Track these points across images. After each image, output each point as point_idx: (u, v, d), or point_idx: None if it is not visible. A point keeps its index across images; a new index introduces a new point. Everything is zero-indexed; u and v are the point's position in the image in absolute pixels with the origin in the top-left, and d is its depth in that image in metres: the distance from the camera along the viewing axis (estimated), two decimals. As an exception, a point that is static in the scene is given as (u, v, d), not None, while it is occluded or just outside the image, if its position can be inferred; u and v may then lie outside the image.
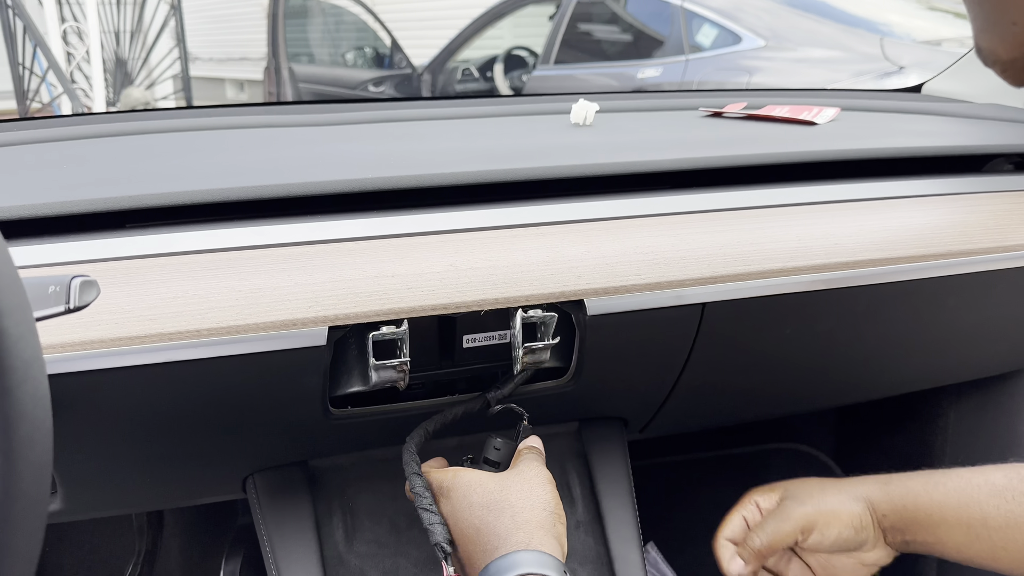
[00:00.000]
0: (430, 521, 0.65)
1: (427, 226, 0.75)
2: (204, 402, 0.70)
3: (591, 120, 1.01)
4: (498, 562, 0.61)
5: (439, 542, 0.64)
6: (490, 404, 0.77)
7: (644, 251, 0.76)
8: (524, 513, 0.64)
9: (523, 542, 0.62)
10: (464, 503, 0.66)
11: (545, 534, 0.64)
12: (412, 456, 0.71)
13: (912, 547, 0.75)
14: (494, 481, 0.67)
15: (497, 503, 0.65)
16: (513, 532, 0.63)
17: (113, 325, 0.63)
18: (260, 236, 0.71)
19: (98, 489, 0.80)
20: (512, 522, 0.64)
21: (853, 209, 0.85)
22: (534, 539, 0.62)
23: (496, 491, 0.66)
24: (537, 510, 0.65)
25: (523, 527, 0.63)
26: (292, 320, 0.67)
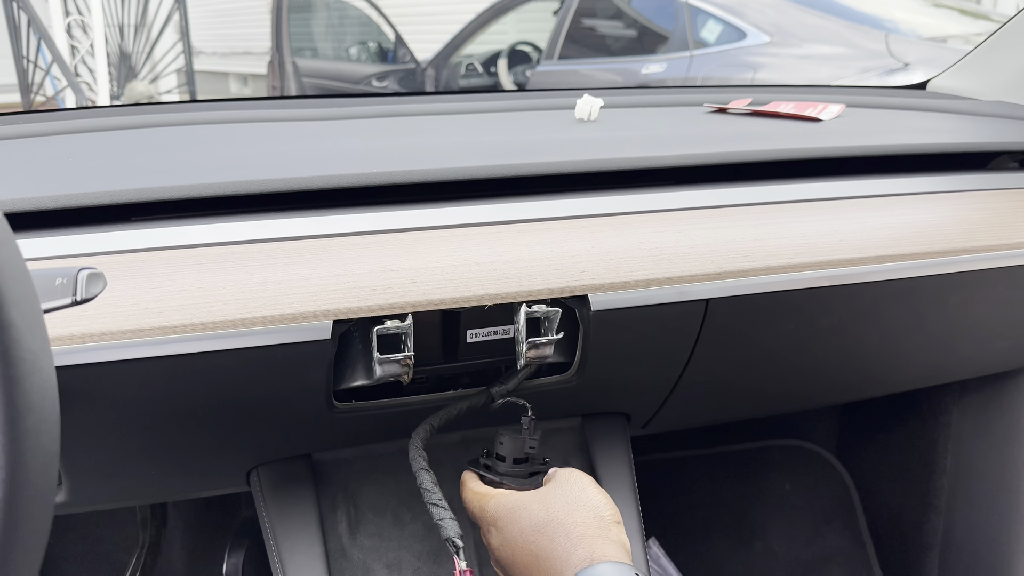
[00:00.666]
0: (440, 516, 0.64)
1: (431, 221, 0.75)
2: (209, 395, 0.70)
3: (596, 115, 1.01)
4: None
5: (450, 537, 0.63)
6: (494, 399, 0.77)
7: (648, 247, 0.76)
8: (577, 528, 0.63)
9: (585, 559, 0.60)
10: (515, 531, 0.65)
11: (604, 542, 0.62)
12: (419, 451, 0.71)
13: None
14: (537, 501, 0.66)
15: (547, 524, 0.64)
16: (572, 552, 0.61)
17: (119, 318, 0.64)
18: (265, 230, 0.71)
19: (103, 481, 0.80)
20: (568, 541, 0.62)
21: (857, 206, 0.85)
22: (595, 552, 0.61)
23: (541, 511, 0.65)
24: (589, 521, 0.64)
25: (580, 543, 0.62)
26: (297, 314, 0.67)
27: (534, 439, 0.74)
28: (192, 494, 1.06)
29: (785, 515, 1.41)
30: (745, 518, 1.41)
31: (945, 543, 1.26)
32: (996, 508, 1.17)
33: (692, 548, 1.36)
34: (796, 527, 1.40)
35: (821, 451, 1.45)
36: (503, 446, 0.74)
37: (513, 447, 0.74)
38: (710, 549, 1.38)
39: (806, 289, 0.79)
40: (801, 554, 1.38)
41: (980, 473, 1.20)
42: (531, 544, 0.63)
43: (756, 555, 1.38)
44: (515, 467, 0.74)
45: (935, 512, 1.27)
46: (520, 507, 0.66)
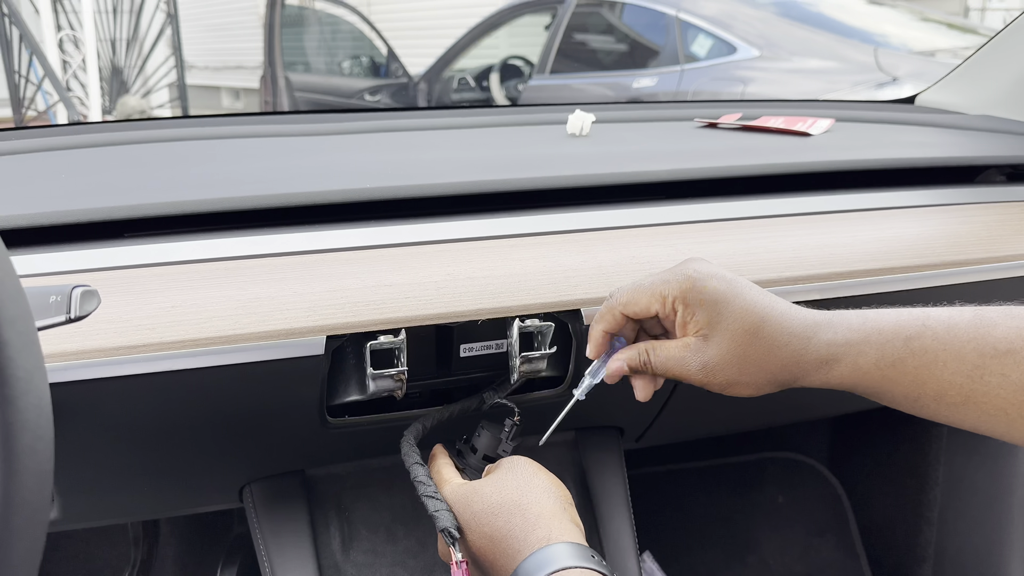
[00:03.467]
0: (435, 508, 0.64)
1: (424, 236, 0.75)
2: (202, 411, 0.70)
3: (588, 130, 1.02)
4: (525, 564, 0.59)
5: (446, 527, 0.62)
6: (485, 402, 0.77)
7: (640, 260, 0.76)
8: (533, 508, 0.63)
9: (543, 538, 0.60)
10: (468, 515, 0.65)
11: (561, 523, 0.62)
12: (412, 447, 0.71)
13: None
14: (489, 485, 0.66)
15: (501, 505, 0.64)
16: (529, 532, 0.61)
17: (112, 334, 0.64)
18: (258, 245, 0.71)
19: (95, 497, 0.80)
20: (524, 521, 0.62)
21: (847, 220, 0.86)
22: (553, 531, 0.61)
23: (495, 494, 0.65)
24: (544, 501, 0.63)
25: (537, 523, 0.61)
26: (290, 329, 0.67)
27: (510, 444, 0.74)
28: (185, 510, 1.05)
29: (778, 527, 1.41)
30: (738, 531, 1.40)
31: (938, 556, 1.26)
32: (988, 521, 1.17)
33: (686, 561, 1.36)
34: (789, 539, 1.40)
35: (814, 463, 1.46)
36: (479, 439, 0.73)
37: (489, 444, 0.73)
38: (704, 562, 1.38)
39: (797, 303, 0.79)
40: (794, 567, 1.38)
41: (972, 486, 1.20)
42: (485, 526, 0.63)
43: (749, 568, 1.38)
44: (482, 463, 0.73)
45: (927, 524, 1.27)
46: (472, 493, 0.66)
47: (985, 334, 0.60)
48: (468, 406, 0.77)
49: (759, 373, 0.63)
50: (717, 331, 0.62)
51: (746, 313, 0.62)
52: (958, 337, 0.61)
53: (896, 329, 0.62)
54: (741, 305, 0.62)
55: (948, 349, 0.61)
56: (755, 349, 0.62)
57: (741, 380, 0.63)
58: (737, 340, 0.62)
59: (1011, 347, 0.59)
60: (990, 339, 0.60)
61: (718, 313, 0.62)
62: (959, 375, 0.60)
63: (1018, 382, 0.59)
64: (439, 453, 0.74)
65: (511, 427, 0.74)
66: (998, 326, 0.60)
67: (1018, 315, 0.60)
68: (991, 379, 0.60)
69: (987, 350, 0.60)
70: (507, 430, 0.74)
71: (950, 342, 0.61)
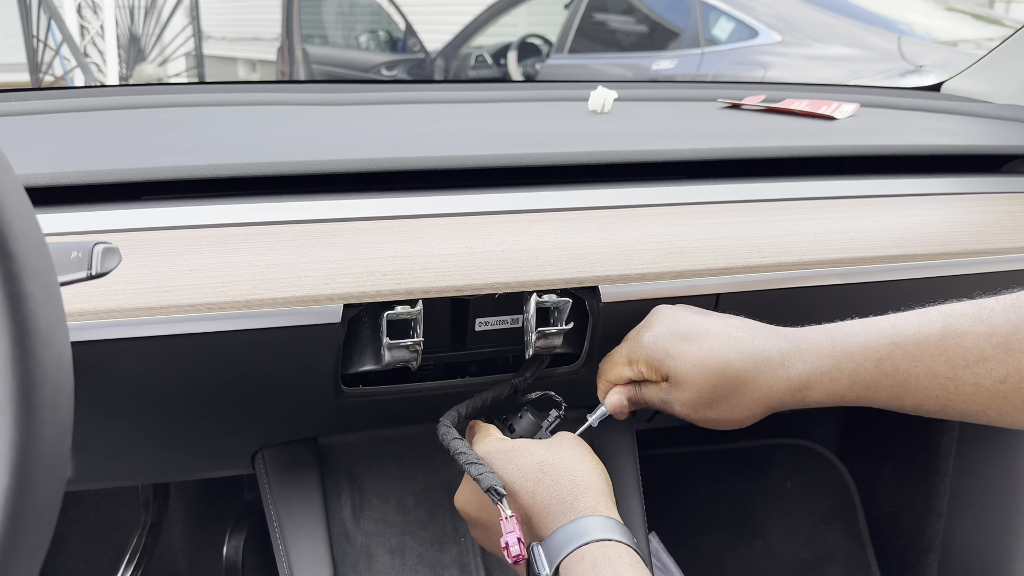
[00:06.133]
0: (479, 471, 0.63)
1: (443, 208, 0.75)
2: (217, 375, 0.70)
3: (609, 108, 1.01)
4: (569, 527, 0.59)
5: (493, 486, 0.62)
6: (517, 390, 0.77)
7: (660, 240, 0.76)
8: (586, 476, 0.63)
9: (591, 507, 0.60)
10: (510, 467, 0.64)
11: (607, 499, 0.62)
12: (448, 428, 0.70)
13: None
14: (540, 446, 0.65)
15: (552, 466, 0.63)
16: (579, 496, 0.61)
17: (130, 295, 0.64)
18: (277, 212, 0.71)
19: (108, 459, 0.80)
20: (574, 486, 0.62)
21: (870, 205, 0.85)
22: (600, 504, 0.61)
23: (546, 454, 0.64)
24: (596, 474, 0.64)
25: (588, 491, 0.62)
26: (308, 296, 0.67)
27: (547, 435, 0.74)
28: (197, 474, 1.06)
29: (786, 514, 1.41)
30: (746, 516, 1.40)
31: (944, 546, 1.26)
32: (997, 513, 1.17)
33: (692, 544, 1.37)
34: (796, 526, 1.40)
35: (823, 451, 1.45)
36: (520, 420, 0.74)
37: (528, 429, 0.74)
38: (710, 546, 1.38)
39: (817, 287, 0.79)
40: (800, 553, 1.38)
41: (981, 477, 1.20)
42: (530, 482, 0.63)
43: (756, 553, 1.38)
44: None
45: (936, 515, 1.26)
46: (517, 449, 0.66)
47: (955, 345, 0.61)
48: (501, 393, 0.77)
49: (734, 409, 0.67)
50: (681, 379, 0.67)
51: (704, 360, 0.66)
52: (928, 352, 0.62)
53: (866, 352, 0.64)
54: (697, 352, 0.66)
55: (919, 366, 0.62)
56: (721, 390, 0.66)
57: (717, 417, 0.68)
58: (699, 384, 0.66)
59: (981, 356, 0.60)
60: (960, 350, 0.60)
61: (676, 363, 0.67)
62: (933, 388, 0.62)
63: (992, 388, 0.60)
64: (479, 423, 0.75)
65: (555, 419, 0.75)
66: (967, 335, 0.60)
67: (986, 319, 0.60)
68: (965, 388, 0.61)
69: (958, 362, 0.60)
70: (550, 420, 0.75)
71: (920, 358, 0.62)
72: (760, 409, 0.67)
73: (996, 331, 0.59)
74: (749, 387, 0.65)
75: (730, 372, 0.65)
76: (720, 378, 0.66)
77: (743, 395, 0.66)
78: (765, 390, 0.65)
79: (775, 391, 0.65)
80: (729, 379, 0.65)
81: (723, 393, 0.66)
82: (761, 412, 0.67)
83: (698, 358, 0.66)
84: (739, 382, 0.65)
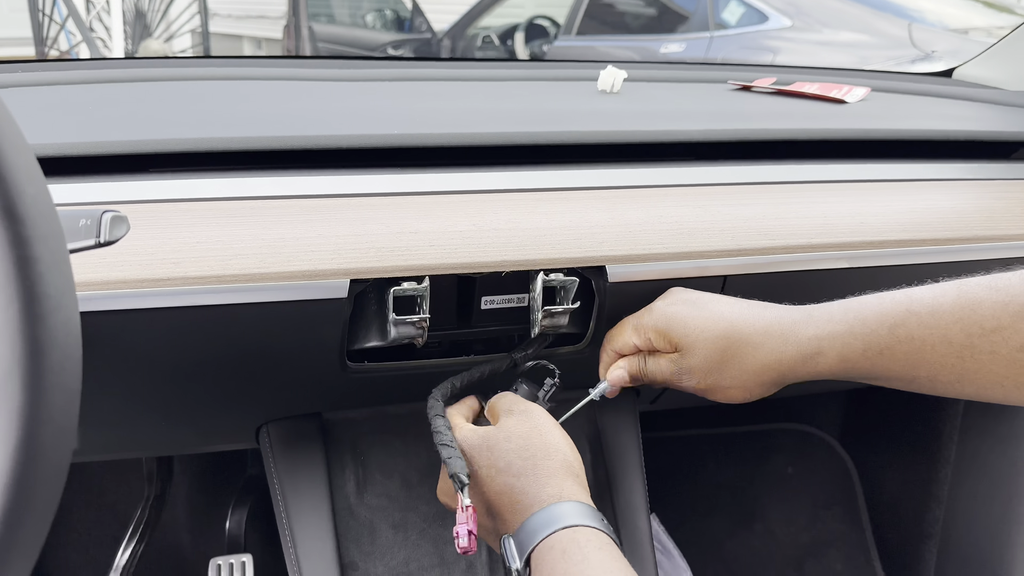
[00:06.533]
0: (448, 455, 0.64)
1: (451, 185, 0.74)
2: (223, 349, 0.70)
3: (619, 88, 1.00)
4: (535, 518, 0.59)
5: (456, 473, 0.62)
6: (516, 364, 0.77)
7: (668, 220, 0.75)
8: (547, 463, 0.63)
9: (555, 495, 0.60)
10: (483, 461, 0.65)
11: (573, 483, 0.62)
12: (437, 401, 0.71)
13: None
14: (503, 439, 0.65)
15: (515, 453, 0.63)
16: (542, 487, 0.61)
17: (137, 266, 0.63)
18: (285, 187, 0.71)
19: (113, 430, 0.80)
20: (536, 477, 0.62)
21: (880, 189, 0.85)
22: (565, 490, 0.61)
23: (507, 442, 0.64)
24: (558, 458, 0.63)
25: (551, 479, 0.61)
26: (314, 271, 0.66)
27: (547, 404, 0.74)
28: (201, 448, 1.06)
29: (786, 498, 1.41)
30: (746, 499, 1.41)
31: (944, 534, 1.26)
32: (998, 502, 1.17)
33: (692, 526, 1.37)
34: (796, 510, 1.40)
35: (825, 436, 1.45)
36: (516, 393, 0.74)
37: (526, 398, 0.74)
38: (710, 528, 1.38)
39: (826, 270, 0.79)
40: (800, 537, 1.39)
41: (984, 467, 1.20)
42: (497, 477, 0.63)
43: (755, 536, 1.39)
44: None
45: (936, 502, 1.27)
46: (485, 440, 0.65)
47: (970, 313, 0.60)
48: (499, 367, 0.77)
49: (741, 376, 0.66)
50: (690, 344, 0.67)
51: (712, 323, 0.66)
52: (943, 320, 0.61)
53: (880, 317, 0.63)
54: (707, 316, 0.67)
55: (935, 333, 0.61)
56: (730, 354, 0.66)
57: (724, 384, 0.67)
58: (709, 348, 0.66)
59: (998, 324, 0.59)
60: (976, 318, 0.59)
61: (686, 327, 0.67)
62: (949, 356, 0.60)
63: (1008, 356, 0.59)
64: (466, 400, 0.74)
65: (551, 387, 0.74)
66: (983, 303, 0.59)
67: (1002, 288, 0.59)
68: (981, 357, 0.60)
69: (974, 330, 0.59)
70: (546, 389, 0.74)
71: (936, 326, 0.61)
72: (770, 377, 0.66)
73: (1013, 300, 0.58)
74: (759, 351, 0.65)
75: (738, 335, 0.65)
76: (728, 341, 0.65)
77: (752, 360, 0.65)
78: (776, 355, 0.65)
79: (786, 356, 0.65)
80: (737, 342, 0.65)
81: (732, 356, 0.65)
82: (770, 381, 0.66)
83: (707, 321, 0.66)
84: (749, 345, 0.65)
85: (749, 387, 0.67)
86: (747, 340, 0.65)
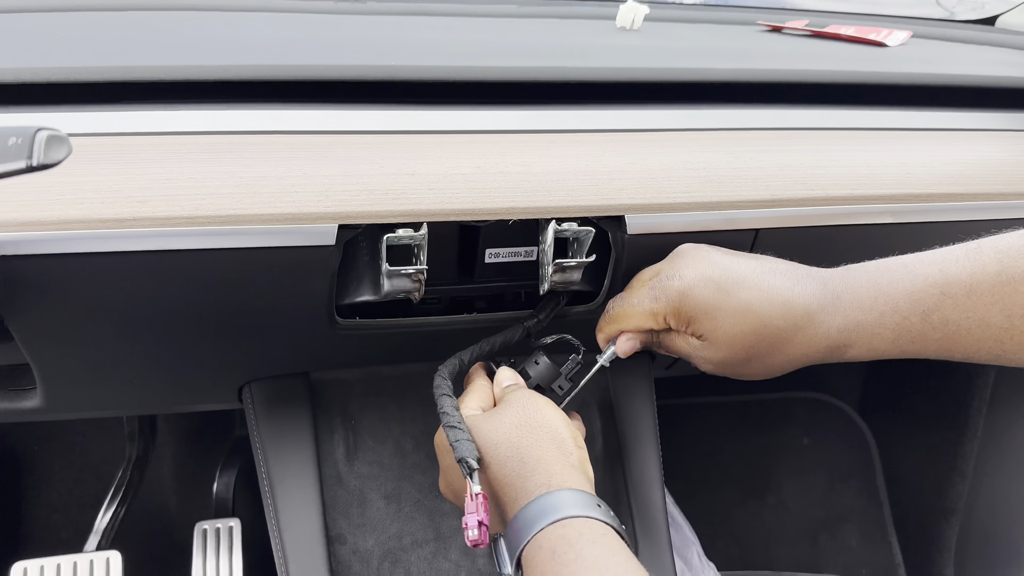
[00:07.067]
0: (456, 438, 0.58)
1: (454, 124, 0.67)
2: (196, 300, 0.63)
3: (639, 24, 0.92)
4: (524, 512, 0.54)
5: (464, 457, 0.56)
6: (530, 333, 0.71)
7: (695, 167, 0.68)
8: (533, 451, 0.57)
9: (543, 484, 0.55)
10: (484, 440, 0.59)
11: (564, 468, 0.56)
12: (444, 380, 0.65)
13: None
14: (484, 423, 0.60)
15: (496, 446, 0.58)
16: (528, 476, 0.56)
17: (98, 204, 0.57)
18: (266, 121, 0.63)
19: (80, 387, 0.74)
20: (523, 466, 0.56)
21: (927, 138, 0.77)
22: (553, 478, 0.55)
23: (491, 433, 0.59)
24: (545, 443, 0.58)
25: (537, 468, 0.56)
26: (298, 214, 0.59)
27: (568, 382, 0.68)
28: (180, 408, 1.00)
29: (801, 470, 1.36)
30: (759, 470, 1.36)
31: (967, 510, 1.21)
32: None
33: (702, 497, 1.32)
34: (811, 483, 1.35)
35: (843, 406, 1.40)
36: (536, 366, 0.68)
37: (545, 375, 0.68)
38: (721, 500, 1.33)
39: (867, 225, 0.71)
40: (814, 511, 1.34)
41: (1013, 440, 1.14)
42: (492, 465, 0.58)
43: (768, 509, 1.34)
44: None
45: (960, 476, 1.21)
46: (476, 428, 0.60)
47: (1011, 292, 0.55)
48: (511, 338, 0.70)
49: (765, 369, 0.63)
50: (714, 338, 0.62)
51: (741, 318, 0.61)
52: (981, 302, 0.56)
53: (912, 303, 0.58)
54: (735, 309, 0.61)
55: (971, 317, 0.57)
56: (757, 349, 0.62)
57: (748, 372, 0.64)
58: (736, 346, 0.62)
59: None
60: (1017, 297, 0.55)
61: (712, 320, 0.61)
62: (986, 340, 0.57)
63: None
64: (476, 375, 0.68)
65: (576, 365, 0.69)
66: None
67: None
68: (1022, 338, 0.56)
69: (1016, 311, 0.55)
70: (571, 366, 0.69)
71: (973, 308, 0.57)
72: (794, 366, 0.63)
73: None
74: (787, 346, 0.61)
75: (768, 333, 0.61)
76: (758, 339, 0.61)
77: (779, 354, 0.62)
78: (803, 350, 0.61)
79: (813, 348, 0.61)
80: (767, 340, 0.61)
81: (758, 352, 0.62)
82: (793, 368, 0.64)
83: (734, 318, 0.61)
84: (778, 341, 0.61)
85: (772, 371, 0.64)
86: (776, 336, 0.61)
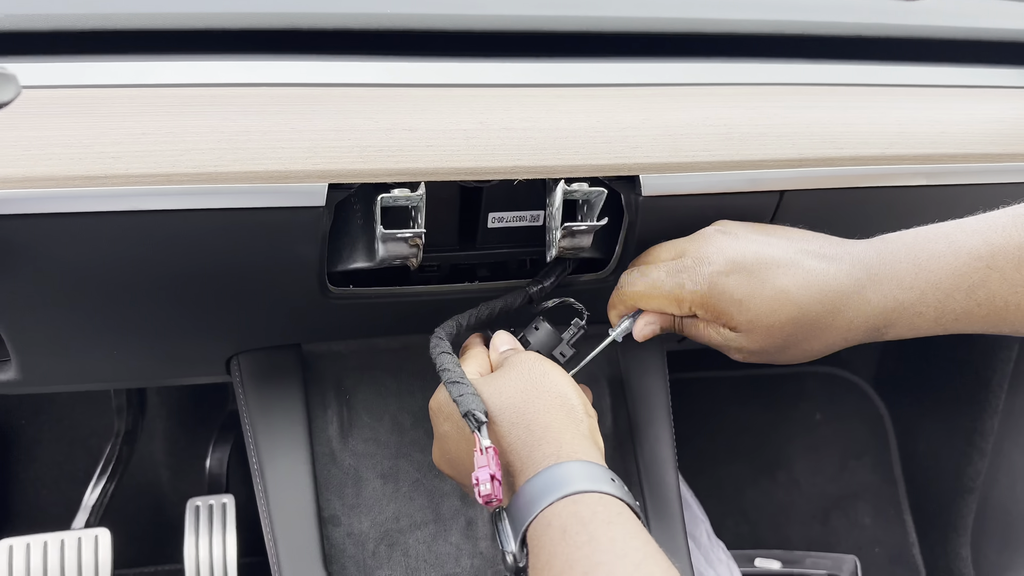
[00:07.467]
0: (459, 392, 0.54)
1: (454, 77, 0.62)
2: (176, 265, 0.59)
3: (652, -25, 0.86)
4: (531, 484, 0.50)
5: (471, 410, 0.52)
6: (532, 299, 0.67)
7: (716, 124, 0.63)
8: (540, 418, 0.53)
9: (552, 455, 0.51)
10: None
11: (574, 437, 0.53)
12: (441, 340, 0.61)
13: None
14: (485, 385, 0.56)
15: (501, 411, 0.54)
16: (535, 446, 0.52)
17: (68, 160, 0.53)
18: (251, 72, 0.59)
19: (57, 359, 0.70)
20: (529, 434, 0.53)
21: (962, 95, 0.73)
22: (563, 448, 0.51)
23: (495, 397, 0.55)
24: (554, 410, 0.54)
25: (545, 437, 0.52)
26: (284, 172, 0.55)
27: (570, 348, 0.64)
28: (165, 381, 0.97)
29: (813, 446, 1.33)
30: (770, 446, 1.33)
31: (986, 488, 1.17)
32: (1050, 456, 1.08)
33: (712, 472, 1.29)
34: (824, 459, 1.32)
35: (858, 381, 1.36)
36: (536, 332, 0.64)
37: (545, 341, 0.63)
38: (732, 476, 1.30)
39: (899, 187, 0.67)
40: (827, 487, 1.31)
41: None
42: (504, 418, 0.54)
43: (779, 485, 1.31)
44: None
45: (979, 454, 1.17)
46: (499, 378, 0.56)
47: None
48: (512, 303, 0.66)
49: (803, 351, 0.60)
50: (749, 329, 0.58)
51: (777, 306, 0.57)
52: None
53: (956, 280, 0.55)
54: (769, 296, 0.57)
55: (1020, 291, 0.54)
56: (795, 336, 0.58)
57: (784, 358, 0.61)
58: (773, 334, 0.58)
59: None
60: None
61: (746, 311, 0.58)
62: None
63: None
64: (473, 344, 0.64)
65: (578, 330, 0.64)
66: None
67: None
68: None
69: None
70: (573, 332, 0.65)
71: (1021, 283, 0.53)
72: (832, 350, 0.60)
73: None
74: (825, 332, 0.58)
75: (807, 320, 0.57)
76: (796, 327, 0.58)
77: (817, 340, 0.59)
78: (843, 332, 0.58)
79: (852, 331, 0.58)
80: (805, 327, 0.58)
81: (796, 340, 0.59)
82: (831, 351, 0.61)
83: (769, 306, 0.58)
84: (816, 328, 0.58)
85: (808, 358, 0.61)
86: (814, 323, 0.58)
